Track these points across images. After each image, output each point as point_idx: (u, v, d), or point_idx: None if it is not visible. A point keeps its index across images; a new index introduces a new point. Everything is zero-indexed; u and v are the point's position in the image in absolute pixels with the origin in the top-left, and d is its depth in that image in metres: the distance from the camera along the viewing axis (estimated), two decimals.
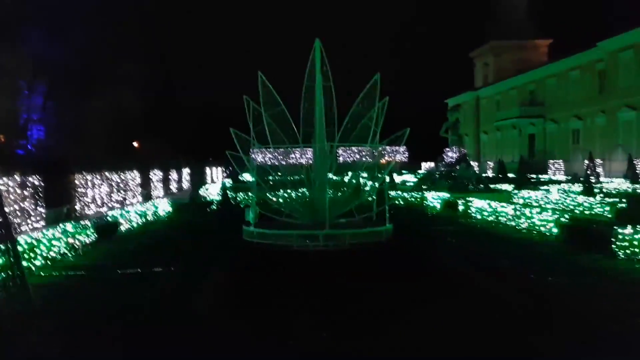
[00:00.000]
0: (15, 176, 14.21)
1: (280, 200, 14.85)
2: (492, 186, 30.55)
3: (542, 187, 25.32)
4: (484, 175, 44.89)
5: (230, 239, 12.99)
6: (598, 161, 23.52)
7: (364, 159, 14.47)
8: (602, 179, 23.80)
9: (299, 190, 14.59)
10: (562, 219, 13.03)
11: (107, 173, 20.46)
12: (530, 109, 58.07)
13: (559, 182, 31.85)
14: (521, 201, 20.76)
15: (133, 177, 23.40)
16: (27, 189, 14.68)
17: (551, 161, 48.70)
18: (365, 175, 15.49)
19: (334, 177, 14.76)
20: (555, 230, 12.87)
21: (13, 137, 37.06)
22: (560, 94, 52.88)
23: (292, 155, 13.97)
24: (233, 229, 13.76)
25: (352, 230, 12.32)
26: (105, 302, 7.30)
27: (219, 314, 6.79)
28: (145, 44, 47.65)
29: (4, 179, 13.59)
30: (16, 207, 13.98)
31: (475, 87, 73.72)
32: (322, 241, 11.70)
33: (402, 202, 22.74)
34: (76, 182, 18.01)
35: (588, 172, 23.96)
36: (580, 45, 48.38)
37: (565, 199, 19.29)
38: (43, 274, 9.23)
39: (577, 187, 24.69)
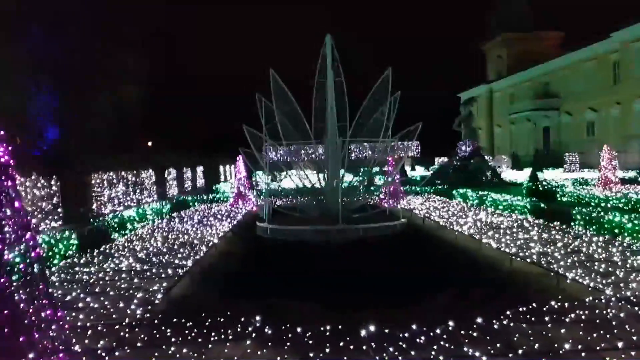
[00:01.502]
0: (32, 177, 14.46)
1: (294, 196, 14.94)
2: (506, 180, 30.41)
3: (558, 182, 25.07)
4: (498, 169, 44.64)
5: (244, 236, 13.09)
6: (613, 153, 23.32)
7: (376, 155, 14.47)
8: (617, 171, 23.56)
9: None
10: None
11: (123, 172, 20.68)
12: (545, 101, 57.59)
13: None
14: None
15: (148, 176, 23.62)
16: (45, 189, 14.92)
17: (567, 154, 48.33)
18: (377, 169, 15.49)
19: (347, 181, 14.69)
20: None
21: (28, 138, 37.44)
22: (575, 86, 52.36)
23: (305, 152, 14.02)
24: (246, 226, 13.82)
25: (366, 225, 12.34)
26: (115, 296, 7.44)
27: (230, 303, 6.87)
28: (153, 39, 47.78)
29: (22, 179, 13.82)
30: (34, 207, 14.24)
31: (488, 80, 73.20)
32: (336, 236, 11.74)
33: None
34: (92, 181, 18.24)
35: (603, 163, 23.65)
36: (593, 37, 47.89)
37: (581, 191, 19.18)
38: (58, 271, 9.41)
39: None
